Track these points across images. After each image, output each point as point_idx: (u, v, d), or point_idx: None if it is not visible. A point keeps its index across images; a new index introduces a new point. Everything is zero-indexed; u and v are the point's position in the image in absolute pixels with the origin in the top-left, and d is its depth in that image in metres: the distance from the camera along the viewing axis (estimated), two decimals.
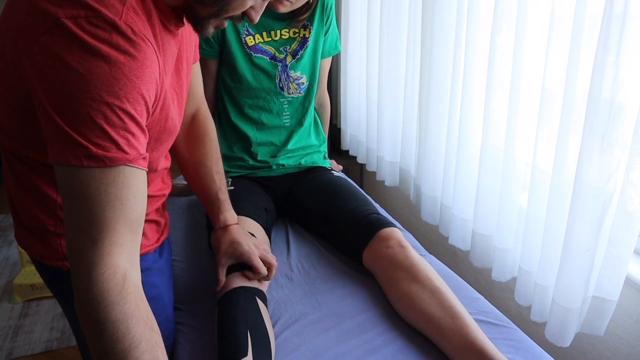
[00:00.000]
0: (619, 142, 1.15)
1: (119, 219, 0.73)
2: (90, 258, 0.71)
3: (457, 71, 1.64)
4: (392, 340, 1.10)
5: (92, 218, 0.71)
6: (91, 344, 0.72)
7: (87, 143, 0.70)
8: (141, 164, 0.76)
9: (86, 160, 0.70)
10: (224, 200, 1.23)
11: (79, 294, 0.71)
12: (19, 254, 2.43)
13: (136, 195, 0.75)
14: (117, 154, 0.72)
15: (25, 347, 2.07)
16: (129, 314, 0.71)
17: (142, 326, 0.72)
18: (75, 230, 0.72)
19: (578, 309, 1.29)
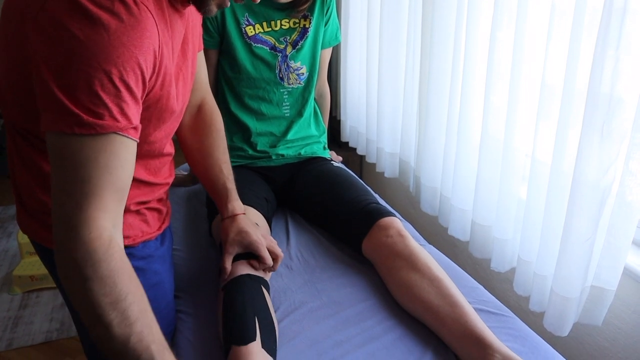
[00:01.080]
0: (618, 133, 1.15)
1: (106, 186, 0.74)
2: (76, 221, 0.72)
3: (457, 63, 1.64)
4: (391, 328, 1.11)
5: (78, 184, 0.73)
6: (77, 302, 0.74)
7: (79, 111, 0.71)
8: (132, 133, 0.77)
9: (77, 127, 0.71)
10: (231, 189, 1.23)
11: (63, 255, 0.73)
12: (18, 246, 2.43)
13: (124, 165, 0.76)
14: (109, 122, 0.73)
15: (25, 337, 2.08)
16: (114, 270, 0.74)
17: (127, 280, 0.75)
18: (60, 194, 0.73)
19: (576, 298, 1.30)
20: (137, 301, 0.75)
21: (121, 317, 0.73)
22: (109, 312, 0.72)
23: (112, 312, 0.72)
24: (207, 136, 1.22)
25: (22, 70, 0.78)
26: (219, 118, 1.27)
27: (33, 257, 2.36)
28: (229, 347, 0.98)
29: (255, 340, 0.98)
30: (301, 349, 1.05)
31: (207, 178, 1.23)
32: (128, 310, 0.73)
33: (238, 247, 1.17)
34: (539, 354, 1.03)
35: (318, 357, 1.03)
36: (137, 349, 0.73)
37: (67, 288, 0.75)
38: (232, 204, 1.22)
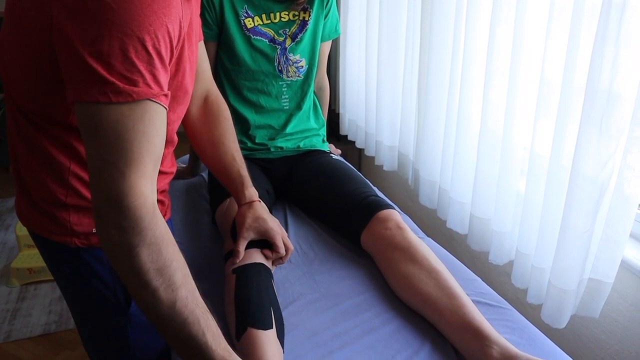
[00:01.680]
0: (616, 127, 1.15)
1: (145, 154, 0.74)
2: (119, 188, 0.72)
3: (457, 57, 1.64)
4: (390, 320, 1.11)
5: (120, 152, 0.73)
6: (123, 269, 0.75)
7: (114, 79, 0.71)
8: (163, 101, 0.77)
9: (114, 95, 0.71)
10: (245, 176, 1.24)
11: (108, 222, 0.73)
12: (16, 238, 2.43)
13: (160, 134, 0.77)
14: (144, 89, 0.73)
15: (23, 329, 2.08)
16: (160, 237, 0.75)
17: (172, 247, 0.77)
18: (101, 163, 0.73)
19: (574, 290, 1.30)
20: (180, 267, 0.77)
21: (167, 283, 0.75)
22: (156, 278, 0.74)
23: (159, 278, 0.74)
24: (217, 126, 1.23)
25: (37, 46, 0.78)
26: (226, 107, 1.27)
27: (31, 249, 2.36)
28: (244, 329, 0.99)
29: (272, 328, 1.00)
30: (300, 340, 1.05)
31: (220, 167, 1.24)
32: (174, 277, 0.75)
33: (254, 233, 1.18)
34: (537, 345, 1.04)
35: (317, 348, 1.03)
36: (183, 313, 0.75)
37: (111, 256, 0.76)
38: (248, 191, 1.23)
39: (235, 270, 1.13)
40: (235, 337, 1.00)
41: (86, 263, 0.99)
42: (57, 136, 0.88)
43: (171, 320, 0.75)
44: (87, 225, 0.95)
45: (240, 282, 1.09)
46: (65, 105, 0.82)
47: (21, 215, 1.01)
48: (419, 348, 1.03)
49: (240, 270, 1.12)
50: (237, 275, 1.11)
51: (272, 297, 1.09)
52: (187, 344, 0.77)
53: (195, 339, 0.76)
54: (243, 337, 0.98)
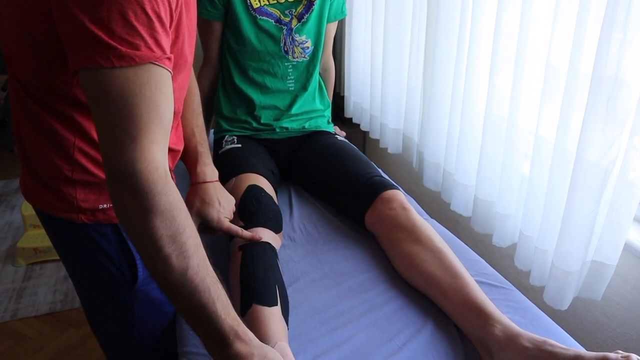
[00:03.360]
0: (622, 111, 1.15)
1: (155, 119, 0.74)
2: (132, 153, 0.72)
3: (463, 40, 1.63)
4: (393, 299, 1.12)
5: (129, 117, 0.72)
6: (137, 235, 0.75)
7: (115, 43, 0.71)
8: (167, 64, 0.77)
9: (117, 60, 0.71)
10: (202, 152, 1.21)
11: (121, 188, 0.73)
12: (22, 218, 2.45)
13: (167, 98, 0.77)
14: (146, 52, 0.73)
15: (29, 308, 2.10)
16: (173, 204, 0.75)
17: (185, 215, 0.77)
18: (111, 129, 0.73)
19: (577, 272, 1.31)
20: (193, 236, 0.77)
21: (179, 250, 0.75)
22: (168, 244, 0.74)
23: (171, 245, 0.74)
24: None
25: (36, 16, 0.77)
26: (194, 82, 1.25)
27: (37, 229, 2.38)
28: (249, 305, 1.00)
29: (277, 305, 1.00)
30: (303, 317, 1.06)
31: None
32: (186, 244, 0.76)
33: (199, 219, 1.16)
34: (539, 325, 1.04)
35: (320, 326, 1.04)
36: (194, 281, 0.76)
37: (125, 222, 0.76)
38: (201, 168, 1.20)
39: (242, 247, 1.13)
40: (240, 312, 1.01)
41: (92, 239, 1.00)
42: (61, 111, 0.88)
43: (182, 288, 0.76)
44: (93, 201, 0.96)
45: (246, 259, 1.10)
46: (66, 78, 0.82)
47: (27, 193, 1.01)
48: (422, 326, 1.04)
49: (246, 248, 1.13)
50: (242, 253, 1.12)
51: (278, 275, 1.10)
52: (197, 312, 0.77)
53: (206, 307, 0.77)
54: (248, 313, 0.99)
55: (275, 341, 0.93)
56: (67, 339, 1.95)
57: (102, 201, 0.96)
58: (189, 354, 1.00)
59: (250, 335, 0.80)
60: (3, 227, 2.67)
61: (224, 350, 0.78)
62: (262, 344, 0.81)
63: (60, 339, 1.95)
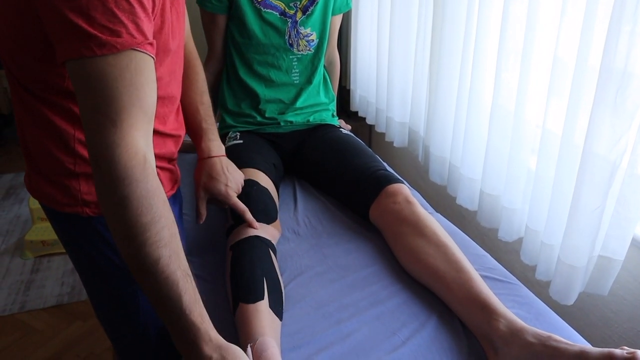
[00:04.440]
0: (631, 104, 1.13)
1: (135, 103, 0.75)
2: (112, 138, 0.73)
3: (470, 33, 1.62)
4: (397, 293, 1.11)
5: (109, 101, 0.73)
6: (113, 220, 0.75)
7: (96, 32, 0.71)
8: (149, 49, 0.77)
9: (98, 49, 0.72)
10: (207, 129, 1.21)
11: (101, 173, 0.74)
12: (30, 212, 2.46)
13: (148, 82, 0.77)
14: (127, 38, 0.73)
15: (37, 300, 2.12)
16: (151, 191, 0.75)
17: (162, 204, 0.76)
18: (93, 114, 0.74)
19: (583, 267, 1.30)
20: (168, 226, 0.76)
21: (154, 239, 0.74)
22: (143, 232, 0.73)
23: (145, 233, 0.74)
24: (185, 78, 1.19)
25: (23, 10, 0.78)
26: (198, 62, 1.25)
27: (44, 222, 2.40)
28: (237, 305, 0.99)
29: (263, 300, 0.99)
30: (307, 311, 1.06)
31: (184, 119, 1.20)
32: (161, 233, 0.75)
33: (207, 194, 1.16)
34: (544, 320, 1.04)
35: (323, 319, 1.04)
36: (164, 272, 0.75)
37: (103, 207, 0.76)
38: (206, 144, 1.20)
39: (232, 246, 1.13)
40: (232, 313, 1.02)
41: (97, 232, 1.00)
42: (58, 104, 0.88)
43: (151, 276, 0.75)
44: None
45: (235, 258, 1.10)
46: (58, 70, 0.83)
47: (32, 190, 1.02)
48: (426, 321, 1.04)
49: (235, 246, 1.12)
50: (232, 252, 1.12)
51: (267, 267, 1.08)
52: (164, 303, 0.76)
53: (172, 299, 0.75)
54: (236, 312, 0.99)
55: (257, 337, 0.91)
56: (74, 331, 1.97)
57: None
58: None
59: (212, 334, 0.78)
60: (11, 220, 2.69)
61: (188, 346, 0.77)
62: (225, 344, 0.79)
63: (67, 331, 1.97)
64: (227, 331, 1.01)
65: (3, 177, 3.13)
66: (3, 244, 2.49)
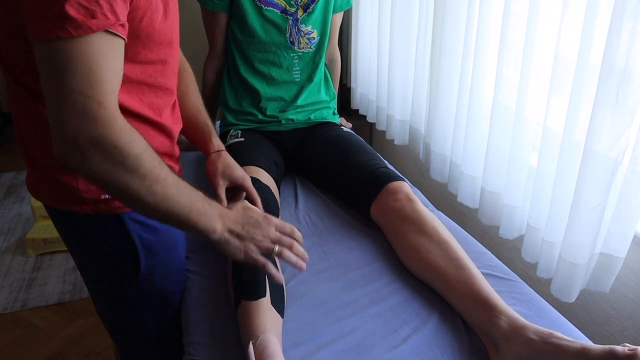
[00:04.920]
0: (632, 101, 1.13)
1: (114, 82, 0.79)
2: (102, 118, 0.76)
3: (470, 31, 1.62)
4: (398, 291, 1.12)
5: (93, 83, 0.75)
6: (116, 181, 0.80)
7: (73, 12, 0.72)
8: (120, 31, 0.79)
9: (74, 30, 0.72)
10: (211, 126, 1.26)
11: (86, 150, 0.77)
12: (31, 210, 2.47)
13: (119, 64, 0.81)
14: (101, 19, 0.75)
15: (39, 298, 2.12)
16: (143, 146, 0.81)
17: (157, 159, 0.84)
18: (77, 97, 0.75)
19: (585, 264, 1.29)
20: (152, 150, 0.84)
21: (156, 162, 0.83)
22: (152, 170, 0.82)
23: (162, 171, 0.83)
24: (181, 81, 1.22)
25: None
26: (188, 65, 1.27)
27: (46, 220, 2.40)
28: (239, 302, 0.99)
29: (265, 297, 0.99)
30: (308, 308, 1.06)
31: (186, 120, 1.23)
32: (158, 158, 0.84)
33: (227, 181, 1.19)
34: (545, 317, 1.04)
35: (325, 317, 1.04)
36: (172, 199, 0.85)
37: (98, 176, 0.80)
38: (216, 140, 1.24)
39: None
40: (235, 310, 1.02)
41: (96, 230, 1.01)
42: None
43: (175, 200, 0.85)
44: (95, 192, 0.96)
45: None
46: None
47: (32, 189, 1.02)
48: (427, 318, 1.04)
49: None
50: None
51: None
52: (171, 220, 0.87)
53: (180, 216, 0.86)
54: (238, 309, 1.00)
55: (259, 334, 0.92)
56: (76, 329, 1.97)
57: (102, 192, 0.97)
58: (194, 344, 1.00)
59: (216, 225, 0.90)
60: (13, 219, 2.69)
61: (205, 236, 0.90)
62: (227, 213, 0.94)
63: (69, 328, 1.97)
64: (229, 327, 1.02)
65: (4, 175, 3.13)
66: (5, 242, 2.49)
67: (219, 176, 1.18)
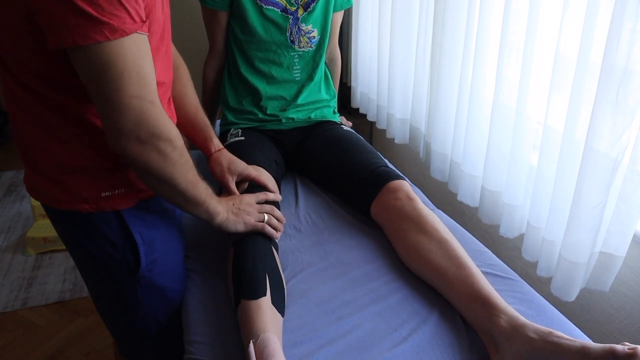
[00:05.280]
0: (633, 100, 1.13)
1: (155, 79, 0.86)
2: (157, 115, 0.86)
3: (471, 29, 1.61)
4: (398, 289, 1.12)
5: (142, 83, 0.82)
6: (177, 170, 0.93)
7: (106, 18, 0.76)
8: (145, 30, 0.84)
9: (111, 34, 0.77)
10: (210, 126, 1.31)
11: (145, 146, 0.86)
12: (31, 208, 2.47)
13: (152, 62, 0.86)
14: (131, 24, 0.79)
15: (39, 297, 2.12)
16: (180, 136, 0.93)
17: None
18: (131, 100, 0.82)
19: (584, 263, 1.30)
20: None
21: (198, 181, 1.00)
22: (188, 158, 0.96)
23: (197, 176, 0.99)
24: (178, 80, 1.25)
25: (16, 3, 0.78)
26: (184, 63, 1.30)
27: (46, 219, 2.40)
28: (239, 301, 0.99)
29: (265, 296, 0.99)
30: (309, 307, 1.07)
31: (185, 119, 1.27)
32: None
33: (234, 175, 1.26)
34: (545, 316, 1.04)
35: (325, 315, 1.05)
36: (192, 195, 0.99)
37: (159, 170, 0.91)
38: (215, 139, 1.31)
39: (234, 243, 1.13)
40: (234, 309, 1.02)
41: (96, 228, 1.01)
42: (51, 98, 0.89)
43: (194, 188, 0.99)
44: (95, 190, 0.97)
45: (237, 254, 1.10)
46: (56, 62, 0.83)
47: (31, 190, 1.02)
48: (427, 317, 1.04)
49: (237, 243, 1.12)
50: (234, 249, 1.12)
51: (269, 263, 1.08)
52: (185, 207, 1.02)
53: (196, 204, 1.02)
54: (238, 309, 1.00)
55: (259, 334, 0.92)
56: (76, 328, 1.97)
57: (103, 189, 0.97)
58: (195, 343, 1.00)
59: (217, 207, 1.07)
60: (13, 217, 2.69)
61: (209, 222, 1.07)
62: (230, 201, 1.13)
63: (69, 327, 1.97)
64: (230, 326, 1.02)
65: (4, 174, 3.13)
66: (5, 241, 2.49)
67: (226, 173, 1.25)
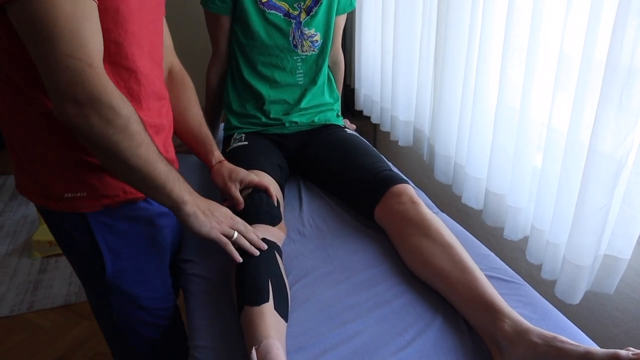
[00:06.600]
0: (637, 101, 1.13)
1: (97, 44, 0.83)
2: (95, 79, 0.81)
3: (474, 31, 1.61)
4: (402, 294, 1.12)
5: (78, 43, 0.79)
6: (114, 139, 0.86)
7: None
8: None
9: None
10: (212, 139, 1.33)
11: (83, 111, 0.81)
12: (37, 212, 2.48)
13: (99, 25, 0.84)
14: None
15: (45, 300, 2.13)
16: (131, 110, 0.88)
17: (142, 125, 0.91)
18: (66, 59, 0.78)
19: (589, 266, 1.29)
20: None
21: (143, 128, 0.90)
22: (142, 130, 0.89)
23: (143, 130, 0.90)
24: (182, 94, 1.27)
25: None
26: (189, 78, 1.32)
27: None
28: (242, 307, 1.00)
29: (268, 302, 0.99)
30: (312, 312, 1.07)
31: (188, 132, 1.29)
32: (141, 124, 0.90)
33: (237, 184, 1.27)
34: (550, 320, 1.03)
35: (329, 320, 1.05)
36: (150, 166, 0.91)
37: (94, 137, 0.84)
38: (216, 151, 1.32)
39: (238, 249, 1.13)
40: (238, 315, 1.02)
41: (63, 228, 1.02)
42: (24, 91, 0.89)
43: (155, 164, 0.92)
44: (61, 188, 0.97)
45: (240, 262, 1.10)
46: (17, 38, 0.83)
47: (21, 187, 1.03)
48: (431, 321, 1.04)
49: (241, 248, 1.12)
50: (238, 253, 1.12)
51: (272, 268, 1.08)
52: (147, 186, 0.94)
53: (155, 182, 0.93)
54: (242, 314, 1.00)
55: (262, 340, 0.91)
56: (82, 331, 1.98)
57: (66, 189, 0.98)
58: (199, 348, 1.01)
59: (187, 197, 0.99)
60: (19, 221, 2.71)
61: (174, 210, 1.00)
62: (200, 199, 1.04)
63: (75, 330, 1.98)
64: (234, 331, 1.02)
65: (10, 178, 3.15)
66: (11, 245, 2.51)
67: (228, 182, 1.26)
